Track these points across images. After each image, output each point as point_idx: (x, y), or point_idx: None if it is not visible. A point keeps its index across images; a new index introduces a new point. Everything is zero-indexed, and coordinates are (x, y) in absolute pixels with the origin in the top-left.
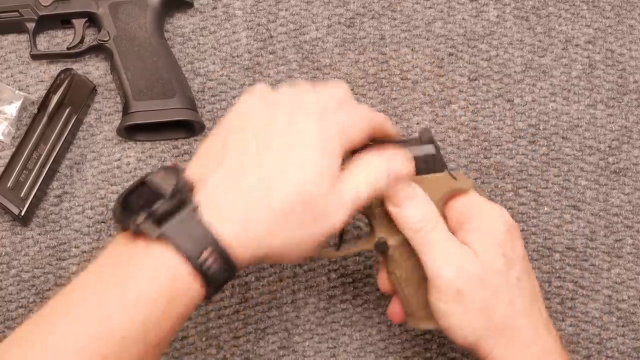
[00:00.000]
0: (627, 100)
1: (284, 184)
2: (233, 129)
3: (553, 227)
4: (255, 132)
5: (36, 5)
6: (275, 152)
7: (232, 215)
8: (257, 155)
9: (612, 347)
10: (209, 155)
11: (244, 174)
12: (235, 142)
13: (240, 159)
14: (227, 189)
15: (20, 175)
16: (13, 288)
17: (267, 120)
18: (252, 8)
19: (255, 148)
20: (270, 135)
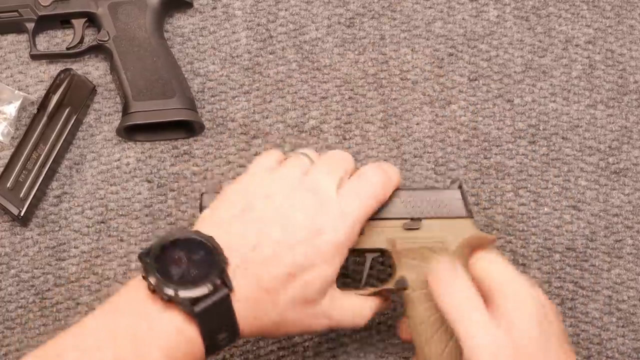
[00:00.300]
0: (627, 100)
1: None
2: (254, 195)
3: (553, 228)
4: (275, 218)
5: (35, 5)
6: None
7: (250, 298)
8: (274, 241)
9: (612, 347)
10: (231, 217)
11: (261, 257)
12: (255, 217)
13: (258, 238)
14: (246, 267)
15: (19, 175)
16: (12, 288)
17: (287, 206)
18: (252, 8)
19: (274, 226)
20: (288, 223)
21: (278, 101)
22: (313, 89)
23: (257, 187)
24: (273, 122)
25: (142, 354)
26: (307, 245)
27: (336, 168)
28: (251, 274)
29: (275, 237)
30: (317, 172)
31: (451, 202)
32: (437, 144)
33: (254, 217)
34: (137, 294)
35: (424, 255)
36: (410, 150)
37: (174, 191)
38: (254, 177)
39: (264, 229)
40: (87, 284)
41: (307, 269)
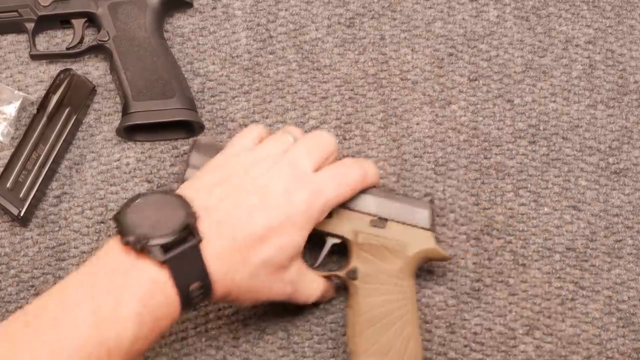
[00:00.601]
0: (627, 100)
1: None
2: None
3: (553, 228)
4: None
5: (35, 5)
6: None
7: (224, 253)
8: (250, 205)
9: (613, 347)
10: (211, 185)
11: (236, 216)
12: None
13: (235, 201)
14: (221, 225)
15: (19, 175)
16: (12, 289)
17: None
18: (252, 8)
19: (251, 194)
20: (263, 189)
21: (278, 101)
22: (313, 89)
23: (237, 163)
24: (273, 122)
25: (119, 306)
26: (281, 212)
27: (317, 149)
28: (225, 232)
29: (252, 202)
30: (297, 150)
31: (419, 213)
32: (437, 144)
33: (233, 186)
34: (112, 249)
35: (382, 253)
36: (410, 150)
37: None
38: (235, 154)
39: (242, 195)
40: None
41: (279, 234)
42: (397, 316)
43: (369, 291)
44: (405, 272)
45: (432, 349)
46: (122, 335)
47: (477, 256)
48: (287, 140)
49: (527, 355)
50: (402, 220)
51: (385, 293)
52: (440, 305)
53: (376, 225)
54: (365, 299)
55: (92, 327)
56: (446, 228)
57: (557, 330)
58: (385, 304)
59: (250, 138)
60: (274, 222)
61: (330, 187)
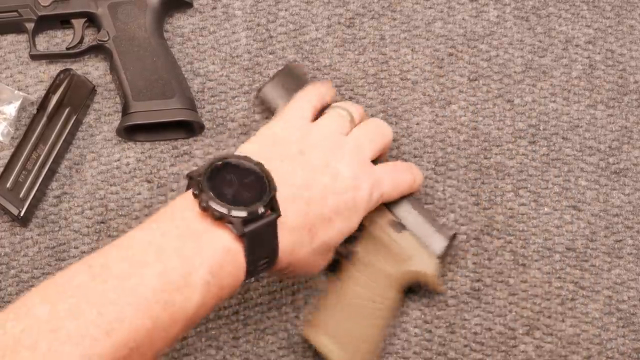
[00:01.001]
0: (627, 100)
1: None
2: (302, 144)
3: (553, 228)
4: (323, 166)
5: (35, 5)
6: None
7: (295, 229)
8: (323, 185)
9: (613, 347)
10: (282, 156)
11: (310, 194)
12: (305, 161)
13: (309, 177)
14: (296, 201)
15: (19, 175)
16: (12, 289)
17: (334, 160)
18: (252, 8)
19: (324, 174)
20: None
21: None
22: None
23: (302, 136)
24: None
25: (189, 272)
26: (349, 196)
27: (378, 138)
28: (298, 209)
29: (324, 181)
30: (361, 136)
31: (437, 240)
32: (437, 144)
33: (304, 161)
34: (186, 210)
35: (385, 254)
36: (410, 150)
37: (174, 191)
38: (294, 124)
39: (313, 173)
40: None
41: (343, 218)
42: (370, 316)
43: (358, 279)
44: (396, 282)
45: (432, 349)
46: (187, 301)
47: (477, 256)
48: (345, 121)
49: (527, 355)
50: (419, 237)
51: (370, 289)
52: (440, 306)
53: (393, 227)
54: (351, 284)
55: (159, 290)
56: None
57: (557, 330)
58: (366, 298)
59: (307, 106)
60: (341, 206)
61: (387, 182)
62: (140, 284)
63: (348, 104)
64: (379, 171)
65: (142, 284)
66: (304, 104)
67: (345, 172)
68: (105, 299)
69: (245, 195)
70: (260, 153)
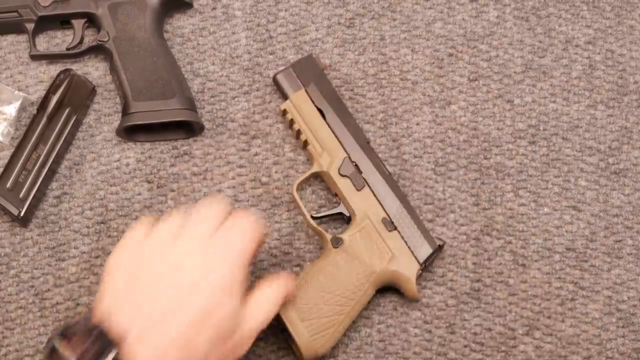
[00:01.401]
0: (627, 100)
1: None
2: (136, 270)
3: (553, 228)
4: (160, 276)
5: (35, 5)
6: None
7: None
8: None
9: (612, 348)
10: (124, 295)
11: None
12: (143, 286)
13: (151, 305)
14: (149, 332)
15: (19, 175)
16: (12, 289)
17: (166, 269)
18: (252, 8)
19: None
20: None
21: (278, 101)
22: None
23: (136, 256)
24: (273, 122)
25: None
26: (201, 289)
27: (209, 214)
28: (156, 338)
29: (168, 294)
30: (191, 223)
31: (424, 247)
32: (437, 144)
33: (142, 283)
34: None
35: (370, 248)
36: (410, 151)
37: (174, 191)
38: (129, 248)
39: (154, 291)
40: (87, 284)
41: (212, 309)
42: (341, 303)
43: (338, 266)
44: (374, 278)
45: (432, 349)
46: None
47: (477, 256)
48: (176, 219)
49: (527, 355)
50: (406, 240)
51: (348, 278)
52: (440, 305)
53: (385, 225)
54: (330, 269)
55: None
56: (446, 228)
57: (557, 330)
58: (341, 286)
59: (139, 231)
60: (200, 303)
61: (235, 239)
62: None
63: (176, 208)
64: (222, 238)
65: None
66: (135, 229)
67: (185, 268)
68: None
69: None
70: (107, 294)
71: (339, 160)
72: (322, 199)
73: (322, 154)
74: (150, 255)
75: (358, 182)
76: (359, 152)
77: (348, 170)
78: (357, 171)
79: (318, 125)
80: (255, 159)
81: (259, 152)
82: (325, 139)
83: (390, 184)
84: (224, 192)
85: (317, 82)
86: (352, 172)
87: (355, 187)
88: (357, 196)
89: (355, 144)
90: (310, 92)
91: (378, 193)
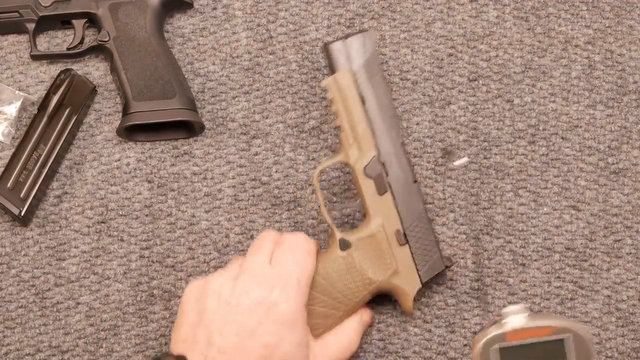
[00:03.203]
0: (626, 100)
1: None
2: (204, 304)
3: (552, 228)
4: (227, 311)
5: (36, 5)
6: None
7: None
8: (235, 334)
9: (612, 347)
10: (195, 334)
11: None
12: (211, 322)
13: (221, 340)
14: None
15: (20, 175)
16: (13, 288)
17: (235, 298)
18: (252, 8)
19: (232, 325)
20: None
21: (278, 101)
22: (313, 89)
23: (202, 289)
24: (273, 122)
25: None
26: (266, 324)
27: (262, 244)
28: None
29: (234, 329)
30: (248, 257)
31: (429, 267)
32: (437, 144)
33: (210, 318)
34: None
35: (376, 257)
36: (410, 151)
37: (174, 191)
38: (196, 283)
39: (222, 326)
40: (87, 284)
41: (277, 344)
42: (333, 304)
43: (340, 270)
44: (372, 286)
45: (432, 348)
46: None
47: (477, 256)
48: (236, 261)
49: None
50: (415, 257)
51: (345, 281)
52: (440, 305)
53: (397, 237)
54: (332, 271)
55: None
56: (446, 227)
57: None
58: (339, 290)
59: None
60: (266, 339)
61: (292, 267)
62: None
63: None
64: (279, 267)
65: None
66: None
67: (248, 303)
68: None
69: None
70: (179, 334)
71: (367, 158)
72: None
73: (352, 145)
74: (216, 292)
75: (381, 186)
76: (390, 152)
77: (374, 172)
78: (383, 173)
79: (355, 112)
80: (255, 159)
81: (259, 152)
82: (358, 129)
83: (413, 193)
84: (224, 191)
85: (367, 65)
86: (377, 174)
87: (378, 191)
88: (377, 200)
89: (389, 143)
90: (357, 74)
91: (398, 201)
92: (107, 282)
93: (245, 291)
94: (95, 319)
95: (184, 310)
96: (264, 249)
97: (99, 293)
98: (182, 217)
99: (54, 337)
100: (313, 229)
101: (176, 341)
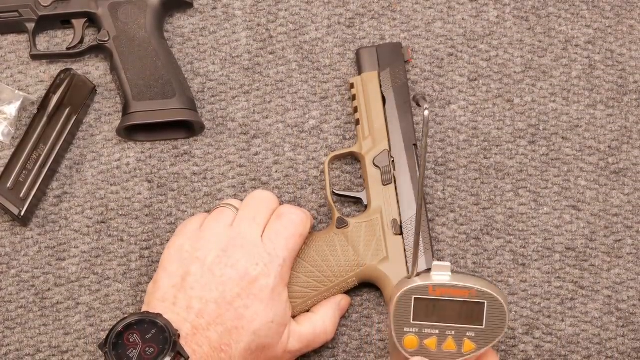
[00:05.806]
0: (627, 100)
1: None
2: (188, 267)
3: (553, 228)
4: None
5: (36, 5)
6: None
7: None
8: (214, 300)
9: (612, 347)
10: (175, 292)
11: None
12: (195, 286)
13: (202, 303)
14: (196, 335)
15: (19, 175)
16: (13, 288)
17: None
18: (252, 8)
19: (214, 290)
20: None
21: (278, 101)
22: (313, 89)
23: (189, 250)
24: (273, 122)
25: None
26: (244, 297)
27: (259, 211)
28: (201, 338)
29: (214, 297)
30: (242, 221)
31: (418, 262)
32: (437, 144)
33: (192, 284)
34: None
35: (369, 242)
36: None
37: (174, 191)
38: (184, 239)
39: (203, 293)
40: (87, 284)
41: (251, 318)
42: (320, 280)
43: (333, 246)
44: (361, 270)
45: None
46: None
47: (477, 256)
48: (228, 214)
49: (527, 355)
50: (406, 249)
51: (337, 261)
52: None
53: (393, 226)
54: (325, 246)
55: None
56: (446, 227)
57: (557, 329)
58: (328, 265)
59: (194, 223)
60: (240, 312)
61: (281, 246)
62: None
63: (227, 200)
64: (269, 244)
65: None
66: (190, 221)
67: (232, 274)
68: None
69: (150, 352)
70: (158, 292)
71: (378, 150)
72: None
73: (367, 138)
74: (201, 252)
75: (387, 177)
76: (401, 150)
77: (382, 163)
78: (390, 166)
79: (375, 110)
80: (255, 159)
81: (259, 152)
82: (375, 125)
83: (416, 191)
84: (224, 191)
85: (393, 70)
86: (385, 165)
87: (383, 180)
88: (380, 189)
89: (401, 141)
90: (382, 76)
91: (401, 194)
92: (107, 282)
93: (232, 264)
94: (95, 319)
95: (165, 269)
96: (259, 218)
97: (99, 293)
98: (182, 217)
99: (54, 337)
100: (313, 229)
101: (153, 298)
